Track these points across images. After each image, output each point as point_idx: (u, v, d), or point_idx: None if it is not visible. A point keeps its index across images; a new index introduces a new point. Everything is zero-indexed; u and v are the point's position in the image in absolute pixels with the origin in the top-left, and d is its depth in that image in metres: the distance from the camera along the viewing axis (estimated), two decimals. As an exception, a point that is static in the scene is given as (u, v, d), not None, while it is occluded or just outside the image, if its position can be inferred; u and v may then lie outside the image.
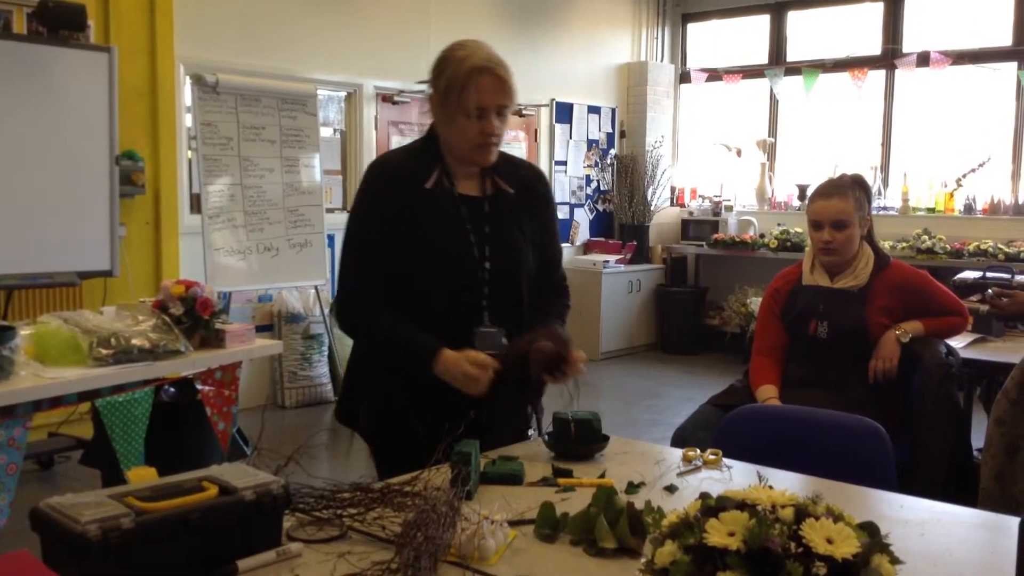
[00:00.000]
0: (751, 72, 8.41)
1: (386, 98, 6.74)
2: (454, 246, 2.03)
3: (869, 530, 1.06)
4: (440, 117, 2.05)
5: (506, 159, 2.15)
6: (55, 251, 4.46)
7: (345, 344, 5.03)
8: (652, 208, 8.45)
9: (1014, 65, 7.14)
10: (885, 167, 7.84)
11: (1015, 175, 7.23)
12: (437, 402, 1.96)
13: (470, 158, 2.05)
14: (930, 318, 2.98)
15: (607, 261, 7.94)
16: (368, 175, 2.10)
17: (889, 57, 7.71)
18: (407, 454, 1.81)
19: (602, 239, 8.43)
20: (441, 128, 2.07)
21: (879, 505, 1.72)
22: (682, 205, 8.87)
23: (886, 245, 6.62)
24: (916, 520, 1.62)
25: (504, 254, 2.08)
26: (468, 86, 1.96)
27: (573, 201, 8.31)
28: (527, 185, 2.15)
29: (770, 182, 8.39)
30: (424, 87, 2.11)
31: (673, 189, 8.92)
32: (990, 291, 3.32)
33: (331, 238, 6.20)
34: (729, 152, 8.57)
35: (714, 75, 8.61)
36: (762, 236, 7.92)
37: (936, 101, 7.60)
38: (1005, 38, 7.23)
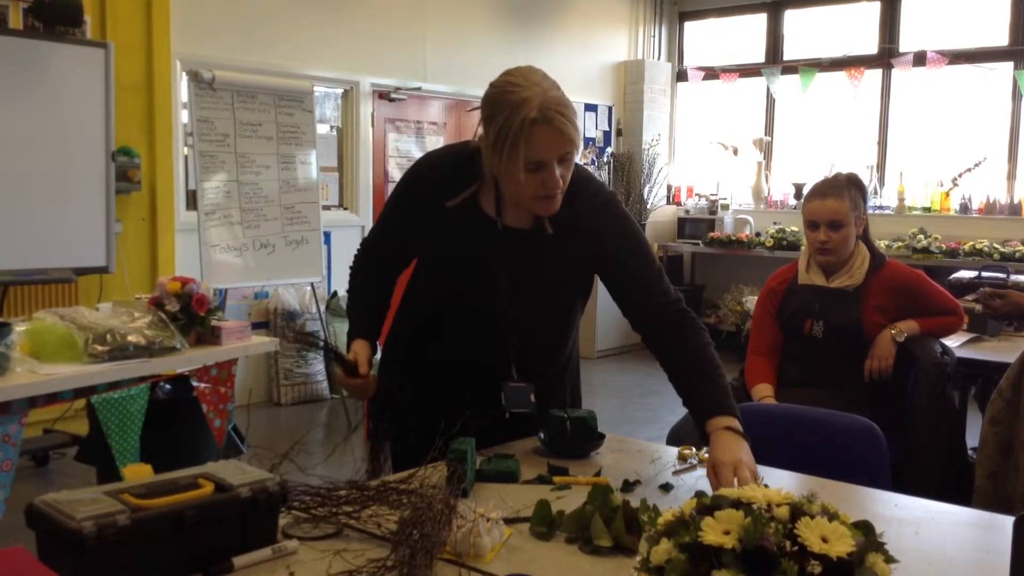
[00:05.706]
0: (748, 71, 8.41)
1: (383, 95, 6.73)
2: (470, 272, 1.85)
3: (864, 529, 1.06)
4: (492, 160, 1.75)
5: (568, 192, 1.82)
6: (50, 247, 4.45)
7: (341, 342, 5.02)
8: (648, 206, 8.45)
9: (1010, 65, 7.16)
10: (881, 166, 7.85)
11: (1011, 175, 7.24)
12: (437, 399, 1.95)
13: (529, 209, 1.81)
14: (926, 317, 2.98)
15: (603, 259, 7.92)
16: (409, 169, 1.96)
17: (886, 56, 7.71)
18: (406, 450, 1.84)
19: (598, 237, 8.41)
20: (495, 170, 1.77)
21: (874, 504, 1.72)
22: (678, 203, 8.87)
23: (882, 244, 6.65)
24: (911, 519, 1.62)
25: (529, 299, 1.87)
26: (519, 140, 1.67)
27: (569, 199, 8.29)
28: (568, 225, 1.84)
29: (766, 181, 8.39)
30: (417, 87, 2.07)
31: (669, 187, 8.92)
32: (982, 290, 3.32)
33: (327, 235, 6.19)
34: (725, 151, 8.57)
35: (711, 73, 8.61)
36: (758, 235, 7.93)
37: (932, 100, 7.60)
38: (1001, 38, 7.24)
